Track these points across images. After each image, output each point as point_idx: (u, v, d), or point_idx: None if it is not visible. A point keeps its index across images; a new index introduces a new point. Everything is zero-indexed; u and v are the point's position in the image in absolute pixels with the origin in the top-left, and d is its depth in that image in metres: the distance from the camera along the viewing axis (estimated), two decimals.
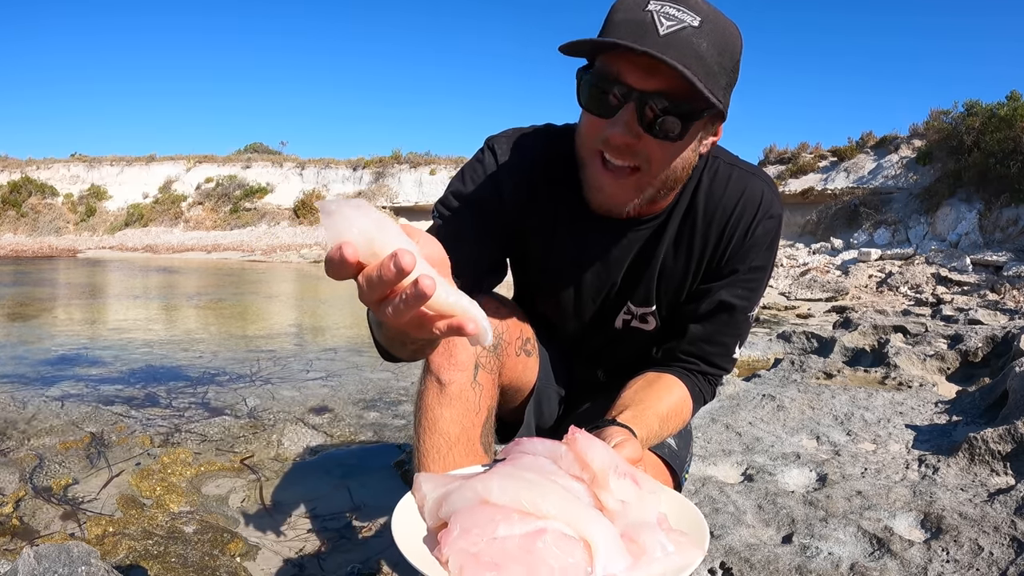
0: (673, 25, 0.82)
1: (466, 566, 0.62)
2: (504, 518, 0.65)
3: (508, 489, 0.67)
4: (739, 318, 1.10)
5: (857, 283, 10.35)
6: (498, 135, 1.11)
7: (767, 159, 18.08)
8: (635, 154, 0.90)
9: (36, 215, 28.73)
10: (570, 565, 0.63)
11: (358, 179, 27.81)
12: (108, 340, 4.94)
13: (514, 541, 0.63)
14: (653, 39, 0.82)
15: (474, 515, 0.66)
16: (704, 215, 1.06)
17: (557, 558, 0.63)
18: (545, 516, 0.65)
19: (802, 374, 3.32)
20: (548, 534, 0.64)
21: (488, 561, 0.62)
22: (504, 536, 0.64)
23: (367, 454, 2.40)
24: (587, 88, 0.89)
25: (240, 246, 24.38)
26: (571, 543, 0.64)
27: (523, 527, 0.64)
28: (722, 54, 0.86)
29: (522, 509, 0.66)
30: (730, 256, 1.07)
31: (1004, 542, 1.49)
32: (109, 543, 1.63)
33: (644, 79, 0.84)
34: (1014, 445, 1.98)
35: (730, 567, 1.44)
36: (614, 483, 0.70)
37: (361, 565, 1.58)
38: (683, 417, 1.09)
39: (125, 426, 2.62)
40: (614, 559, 0.64)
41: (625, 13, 0.85)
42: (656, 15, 0.83)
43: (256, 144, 33.12)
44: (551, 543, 0.63)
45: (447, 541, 0.65)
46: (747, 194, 1.05)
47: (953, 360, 3.60)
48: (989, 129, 12.88)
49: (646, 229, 1.08)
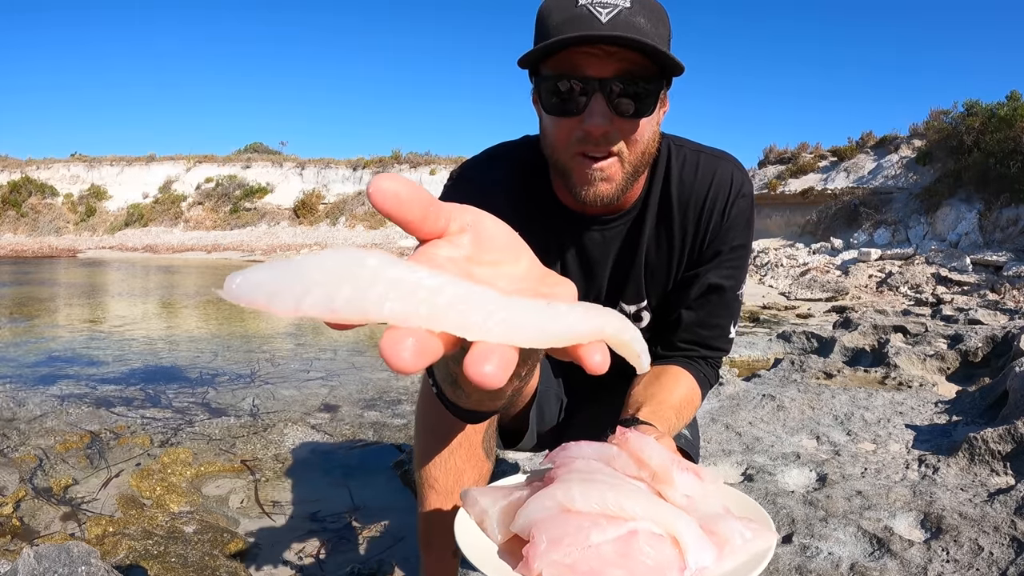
0: (610, 11, 0.86)
1: None
2: (593, 524, 0.63)
3: (591, 494, 0.66)
4: (729, 297, 1.12)
5: (857, 283, 10.35)
6: (461, 166, 1.13)
7: (767, 159, 18.07)
8: (612, 140, 0.92)
9: (36, 215, 28.73)
10: (665, 562, 0.62)
11: (358, 179, 27.81)
12: (108, 340, 4.94)
13: (609, 546, 0.62)
14: (599, 28, 0.85)
15: (560, 524, 0.64)
16: (679, 203, 1.08)
17: (653, 557, 0.62)
18: (632, 517, 0.64)
19: (802, 374, 3.32)
20: (640, 535, 0.63)
21: (586, 570, 0.60)
22: (598, 543, 0.62)
23: (367, 454, 2.40)
24: (551, 93, 0.91)
25: (240, 246, 24.38)
26: (662, 541, 0.64)
27: (615, 531, 0.63)
28: (657, 26, 0.89)
29: (608, 513, 0.64)
30: (711, 239, 1.09)
31: (1004, 542, 1.49)
32: (109, 543, 1.63)
33: (602, 67, 0.87)
34: (1014, 445, 1.98)
35: None
36: (678, 478, 0.70)
37: (361, 565, 1.58)
38: (695, 405, 1.11)
39: (125, 426, 2.62)
40: (703, 552, 0.64)
41: (561, 13, 0.88)
42: (591, 7, 0.86)
43: (256, 144, 33.11)
44: (644, 543, 0.62)
45: (536, 554, 0.62)
46: (717, 177, 1.08)
47: (953, 360, 3.60)
48: (989, 129, 12.88)
49: (622, 224, 1.10)
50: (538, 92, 0.93)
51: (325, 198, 27.68)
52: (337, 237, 24.95)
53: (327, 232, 25.77)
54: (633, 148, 0.94)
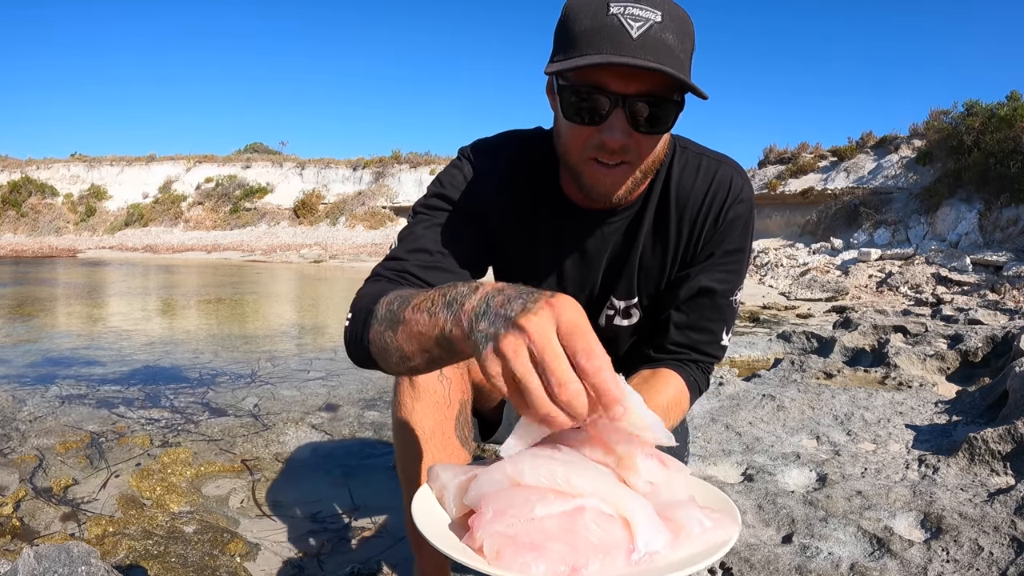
0: (642, 26, 0.85)
1: (503, 548, 0.60)
2: (540, 498, 0.63)
3: (540, 469, 0.65)
4: (720, 302, 1.11)
5: (857, 283, 10.35)
6: (471, 145, 1.15)
7: (767, 159, 18.08)
8: (627, 152, 0.94)
9: (36, 215, 28.74)
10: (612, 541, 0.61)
11: (358, 179, 27.83)
12: (108, 340, 4.94)
13: (553, 520, 0.61)
14: (629, 44, 0.84)
15: (507, 497, 0.64)
16: (677, 204, 1.09)
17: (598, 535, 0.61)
18: (581, 494, 0.63)
19: (802, 374, 3.32)
20: (587, 512, 0.62)
21: (527, 542, 0.60)
22: (542, 516, 0.61)
23: (367, 454, 2.40)
24: (572, 100, 0.91)
25: (240, 246, 24.39)
26: (610, 520, 0.62)
27: (561, 506, 0.62)
28: (684, 41, 0.90)
29: (557, 488, 0.64)
30: (704, 242, 1.10)
31: (1004, 542, 1.49)
32: (109, 543, 1.63)
33: (627, 84, 0.87)
34: (1014, 445, 1.98)
35: (730, 567, 1.44)
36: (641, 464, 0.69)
37: (361, 565, 1.58)
38: (682, 408, 1.11)
39: (125, 426, 2.62)
40: (655, 535, 0.63)
41: (591, 20, 0.87)
42: (623, 19, 0.85)
43: (256, 144, 33.14)
44: (591, 521, 0.61)
45: (480, 525, 0.62)
46: (717, 181, 1.08)
47: (953, 360, 3.60)
48: (989, 129, 12.88)
49: (621, 220, 1.11)
50: (560, 96, 0.93)
51: (325, 198, 27.70)
52: (337, 237, 24.95)
53: (327, 232, 25.77)
54: (645, 157, 0.96)
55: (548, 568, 0.59)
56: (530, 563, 0.59)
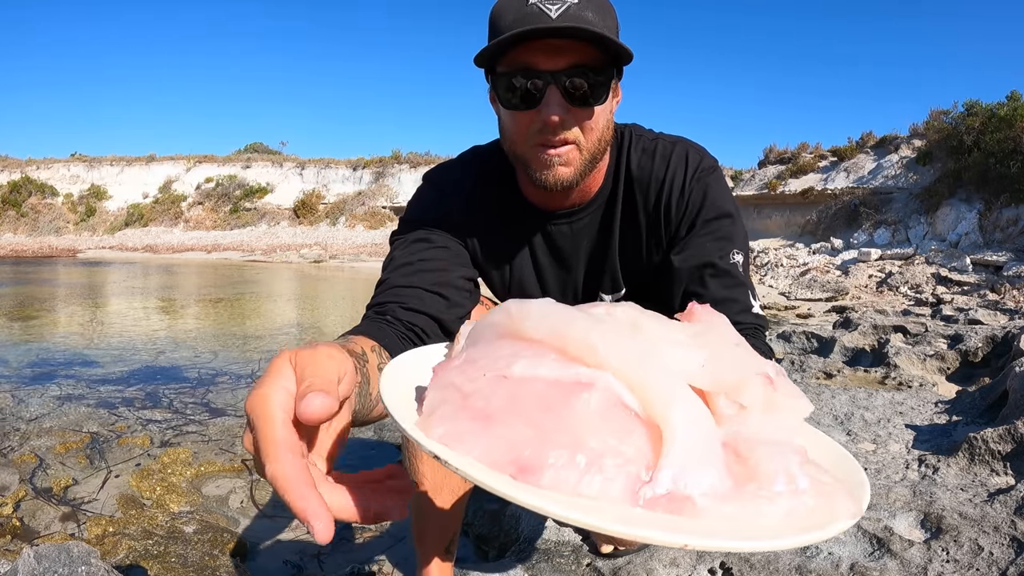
0: (560, 7, 0.89)
1: (443, 408, 0.41)
2: (534, 355, 0.43)
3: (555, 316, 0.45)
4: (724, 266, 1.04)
5: (857, 283, 10.35)
6: (433, 168, 1.17)
7: (767, 159, 18.07)
8: (567, 127, 0.95)
9: (36, 215, 28.73)
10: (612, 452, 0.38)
11: (358, 179, 27.81)
12: (108, 340, 4.94)
13: (533, 387, 0.41)
14: (549, 22, 0.88)
15: (491, 345, 0.46)
16: (640, 189, 1.10)
17: (597, 434, 0.38)
18: (599, 365, 0.42)
19: (802, 374, 3.31)
20: (594, 391, 0.40)
21: (479, 407, 0.40)
22: (520, 376, 0.41)
23: (367, 454, 2.40)
24: (506, 89, 0.94)
25: (240, 246, 24.38)
26: (628, 418, 0.40)
27: (555, 370, 0.42)
28: (605, 19, 0.92)
29: (566, 349, 0.43)
30: (679, 220, 1.08)
31: (1004, 542, 1.49)
32: (109, 543, 1.63)
33: (554, 60, 0.90)
34: (1014, 445, 1.97)
35: (730, 567, 1.44)
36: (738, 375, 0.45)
37: (361, 565, 1.58)
38: None
39: (125, 426, 2.62)
40: (697, 469, 0.38)
41: (512, 13, 0.91)
42: (541, 5, 0.89)
43: (256, 144, 33.12)
44: (593, 406, 0.39)
45: (439, 372, 0.45)
46: (674, 158, 1.09)
47: (953, 360, 3.60)
48: (989, 129, 12.88)
49: (587, 216, 1.12)
50: (495, 89, 0.96)
51: (325, 198, 27.69)
52: (337, 237, 24.95)
53: (327, 232, 25.76)
54: (589, 135, 0.97)
55: (488, 452, 0.38)
56: (464, 435, 0.39)
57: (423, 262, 1.02)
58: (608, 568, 1.48)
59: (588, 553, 1.55)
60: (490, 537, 1.78)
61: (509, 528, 1.76)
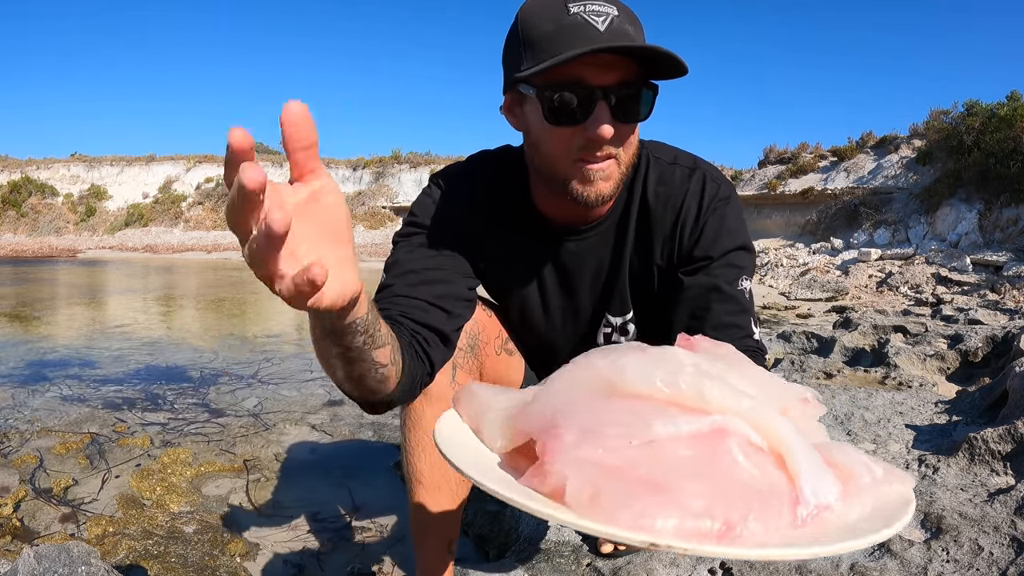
0: (605, 20, 0.87)
1: (604, 488, 0.38)
2: (659, 412, 0.41)
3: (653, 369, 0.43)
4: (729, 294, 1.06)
5: (857, 283, 10.35)
6: (441, 171, 1.16)
7: (767, 159, 18.06)
8: (613, 145, 0.95)
9: (36, 215, 28.73)
10: (768, 486, 0.40)
11: (358, 179, 27.81)
12: (108, 340, 4.94)
13: (681, 445, 0.40)
14: (599, 36, 0.86)
15: (600, 410, 0.42)
16: (656, 214, 1.09)
17: (751, 474, 0.40)
18: (719, 411, 0.43)
19: (802, 374, 3.31)
20: (732, 437, 0.41)
21: (644, 477, 0.38)
22: (665, 438, 0.40)
23: (367, 454, 2.40)
24: (553, 103, 0.91)
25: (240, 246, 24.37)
26: (760, 454, 0.42)
27: (692, 424, 0.41)
28: (639, 33, 0.92)
29: (678, 400, 0.43)
30: (690, 248, 1.08)
31: (1004, 542, 1.49)
32: (109, 543, 1.63)
33: (604, 75, 0.89)
34: (1014, 445, 1.97)
35: (730, 567, 1.44)
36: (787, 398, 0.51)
37: (361, 565, 1.58)
38: None
39: (125, 426, 2.62)
40: (823, 482, 0.41)
41: (552, 23, 0.88)
42: (586, 16, 0.87)
43: (256, 144, 33.06)
44: (738, 450, 0.41)
45: (556, 451, 0.41)
46: (692, 185, 1.09)
47: (953, 360, 3.59)
48: (989, 129, 12.87)
49: (595, 235, 1.10)
50: (539, 101, 0.92)
51: None
52: None
53: None
54: (628, 150, 0.97)
55: (684, 522, 0.37)
56: (653, 512, 0.37)
57: (427, 271, 1.02)
58: (608, 568, 1.48)
59: (588, 553, 1.55)
60: (490, 537, 1.78)
61: (509, 528, 1.77)
